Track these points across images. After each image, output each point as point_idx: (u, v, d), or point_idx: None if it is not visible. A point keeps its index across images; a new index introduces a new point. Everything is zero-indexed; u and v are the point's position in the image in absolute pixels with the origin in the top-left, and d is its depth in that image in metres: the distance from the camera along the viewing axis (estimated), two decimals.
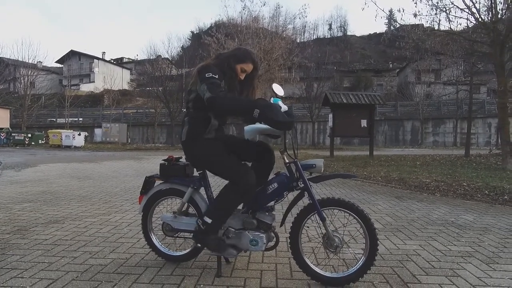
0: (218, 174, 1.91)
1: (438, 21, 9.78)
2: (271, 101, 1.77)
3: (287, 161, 1.87)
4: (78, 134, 20.52)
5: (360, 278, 1.81)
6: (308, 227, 1.96)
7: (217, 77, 1.76)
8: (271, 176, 1.94)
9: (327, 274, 1.86)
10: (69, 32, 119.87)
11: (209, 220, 1.85)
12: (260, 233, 1.84)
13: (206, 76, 1.75)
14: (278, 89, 1.86)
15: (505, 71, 7.69)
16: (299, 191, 1.87)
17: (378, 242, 1.80)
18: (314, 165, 1.83)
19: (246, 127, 1.95)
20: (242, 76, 1.95)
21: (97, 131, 26.05)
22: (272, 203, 1.91)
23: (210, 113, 1.89)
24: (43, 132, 23.34)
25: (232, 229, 1.88)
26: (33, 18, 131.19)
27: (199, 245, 1.93)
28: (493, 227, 3.12)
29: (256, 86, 2.05)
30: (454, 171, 7.00)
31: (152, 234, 2.20)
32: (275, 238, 1.94)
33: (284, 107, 1.74)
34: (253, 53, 1.99)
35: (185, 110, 2.08)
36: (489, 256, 2.34)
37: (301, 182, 1.83)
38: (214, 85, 1.72)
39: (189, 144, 1.93)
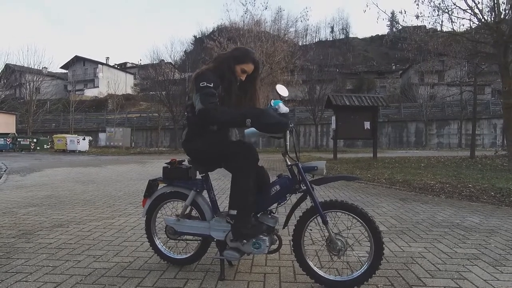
0: (220, 160, 1.90)
1: (440, 22, 9.72)
2: (271, 103, 1.77)
3: (289, 163, 1.87)
4: (83, 139, 20.69)
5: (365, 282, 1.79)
6: (311, 230, 1.95)
7: (212, 85, 1.74)
8: (274, 178, 1.94)
9: (331, 277, 1.83)
10: (74, 38, 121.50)
11: (234, 212, 1.83)
12: (262, 236, 1.83)
13: (201, 85, 1.74)
14: (282, 90, 1.85)
15: (510, 72, 7.62)
16: (302, 193, 1.87)
17: (384, 245, 1.77)
18: (316, 167, 1.83)
19: (246, 130, 1.95)
20: (243, 77, 1.92)
21: (101, 136, 26.21)
22: (274, 205, 1.90)
23: None
24: (48, 137, 23.56)
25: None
26: (39, 25, 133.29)
27: (244, 241, 1.80)
28: (500, 229, 3.08)
29: (258, 87, 2.01)
30: (459, 172, 6.93)
31: (155, 237, 2.20)
32: (278, 241, 1.93)
33: (285, 109, 1.73)
34: (252, 52, 1.94)
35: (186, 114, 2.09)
36: (496, 258, 2.31)
37: (303, 185, 1.82)
38: (207, 95, 1.71)
39: (188, 142, 1.95)
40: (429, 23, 9.09)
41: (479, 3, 7.76)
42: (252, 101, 1.97)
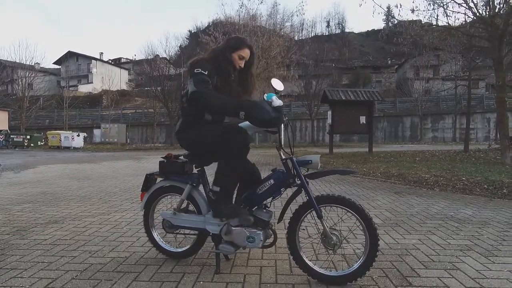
0: (213, 148, 1.88)
1: (436, 16, 9.74)
2: (264, 97, 1.74)
3: (283, 157, 1.87)
4: (77, 135, 20.50)
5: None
6: (304, 228, 1.95)
7: (206, 73, 1.75)
8: (268, 172, 1.94)
9: (327, 272, 1.82)
10: (67, 33, 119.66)
11: (217, 188, 1.84)
12: (257, 230, 1.83)
13: (195, 71, 1.76)
14: (277, 84, 1.84)
15: (504, 66, 7.68)
16: (297, 187, 1.86)
17: (379, 238, 1.77)
18: (310, 161, 1.82)
19: (241, 124, 1.94)
20: (242, 63, 1.94)
21: (96, 132, 25.99)
22: (269, 199, 1.90)
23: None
24: (42, 133, 23.30)
25: (229, 226, 1.88)
26: (31, 20, 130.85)
27: (223, 218, 1.86)
28: (492, 220, 3.13)
29: (254, 73, 2.01)
30: (453, 166, 7.00)
31: (153, 230, 2.21)
32: (272, 235, 1.93)
33: (278, 102, 1.71)
34: (245, 38, 2.00)
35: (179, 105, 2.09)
36: (488, 249, 2.35)
37: (298, 179, 1.82)
38: (201, 81, 1.72)
39: (181, 133, 1.96)
40: (425, 17, 9.16)
41: None
42: (249, 87, 1.97)
